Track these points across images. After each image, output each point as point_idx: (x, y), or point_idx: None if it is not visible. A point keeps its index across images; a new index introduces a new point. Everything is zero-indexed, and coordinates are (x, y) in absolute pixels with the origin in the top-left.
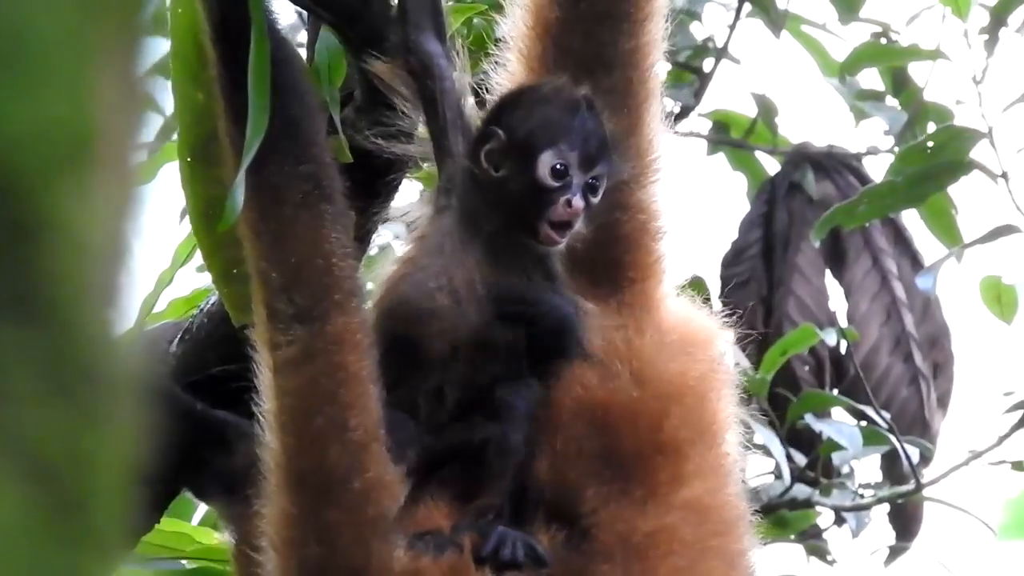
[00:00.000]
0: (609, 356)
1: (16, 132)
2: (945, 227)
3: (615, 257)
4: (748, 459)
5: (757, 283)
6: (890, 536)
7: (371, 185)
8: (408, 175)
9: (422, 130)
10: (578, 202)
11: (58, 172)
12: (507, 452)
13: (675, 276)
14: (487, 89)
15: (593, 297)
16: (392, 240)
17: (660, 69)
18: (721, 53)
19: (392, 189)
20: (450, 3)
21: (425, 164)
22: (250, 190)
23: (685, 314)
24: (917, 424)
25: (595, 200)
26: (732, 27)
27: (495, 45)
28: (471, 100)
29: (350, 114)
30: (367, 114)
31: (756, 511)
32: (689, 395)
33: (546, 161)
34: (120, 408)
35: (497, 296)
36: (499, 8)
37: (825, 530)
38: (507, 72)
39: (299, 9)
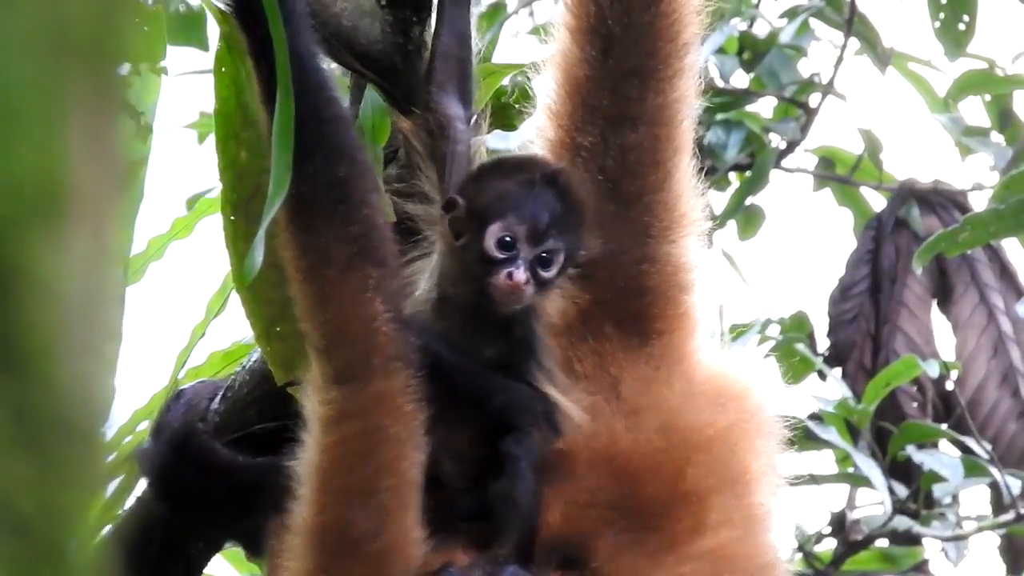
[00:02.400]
0: (635, 407)
1: None
2: None
3: (642, 309)
4: (852, 491)
5: (865, 319)
6: (1000, 569)
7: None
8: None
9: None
10: (519, 275)
11: (30, 223)
12: (514, 504)
13: (706, 327)
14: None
15: (622, 348)
16: None
17: (691, 125)
18: (827, 89)
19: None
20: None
21: (426, 226)
22: (297, 250)
23: (720, 366)
24: None
25: (547, 274)
26: (838, 63)
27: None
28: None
29: (393, 172)
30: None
31: (858, 542)
32: (716, 445)
33: (493, 232)
34: (93, 460)
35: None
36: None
37: (928, 562)
38: (538, 130)
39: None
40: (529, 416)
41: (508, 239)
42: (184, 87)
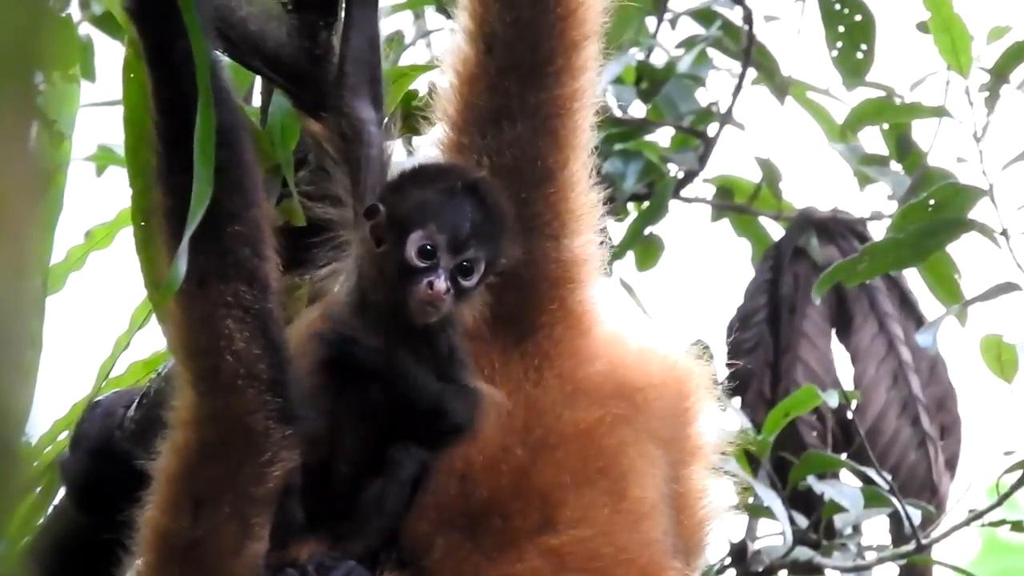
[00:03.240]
0: (499, 407)
1: None
2: (948, 288)
3: (520, 304)
4: (752, 522)
5: (764, 349)
6: None
7: (302, 248)
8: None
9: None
10: (440, 284)
11: None
12: (381, 508)
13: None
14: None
15: (498, 346)
16: None
17: (583, 123)
18: (725, 118)
19: (320, 251)
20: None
21: (344, 230)
22: (167, 261)
23: (630, 359)
24: (926, 487)
25: (468, 283)
26: (736, 93)
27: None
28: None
29: (307, 176)
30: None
31: (759, 573)
32: (576, 442)
33: (414, 241)
34: (12, 469)
35: (380, 384)
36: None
37: None
38: (440, 131)
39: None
40: (465, 415)
41: (429, 248)
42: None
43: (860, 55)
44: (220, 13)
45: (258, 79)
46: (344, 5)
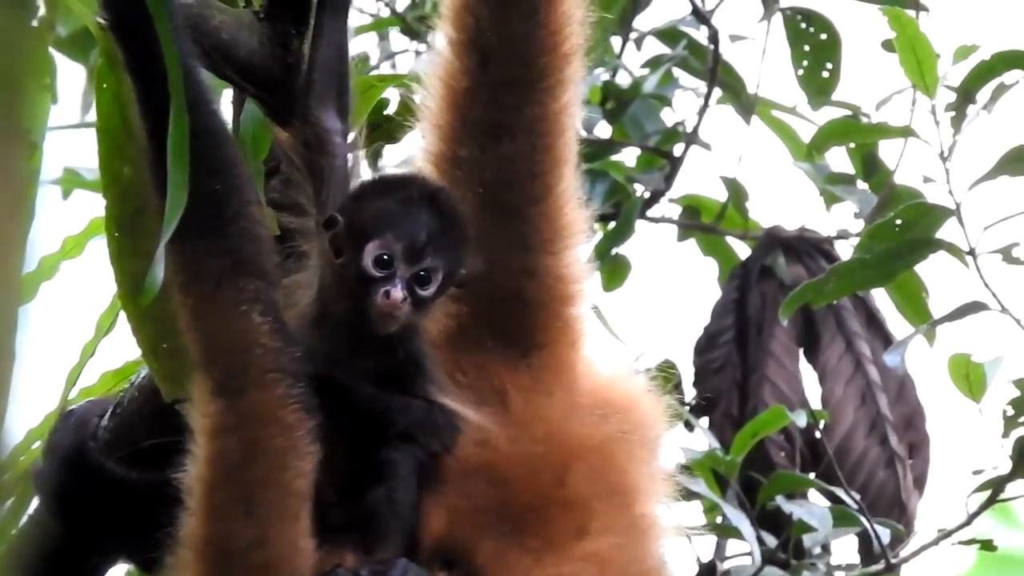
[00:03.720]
0: (518, 418)
1: None
2: (916, 308)
3: (522, 321)
4: (721, 542)
5: (731, 369)
6: None
7: None
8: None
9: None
10: (397, 293)
11: None
12: (395, 507)
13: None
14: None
15: (503, 360)
16: None
17: (572, 137)
18: (691, 138)
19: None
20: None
21: (305, 240)
22: (174, 264)
23: (605, 379)
24: (895, 506)
25: (425, 292)
26: (702, 112)
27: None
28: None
29: (277, 185)
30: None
31: None
32: (595, 455)
33: (371, 250)
34: None
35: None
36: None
37: None
38: (424, 143)
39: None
40: (431, 431)
41: (385, 257)
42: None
43: (826, 74)
44: (193, 22)
45: (228, 89)
46: (314, 14)
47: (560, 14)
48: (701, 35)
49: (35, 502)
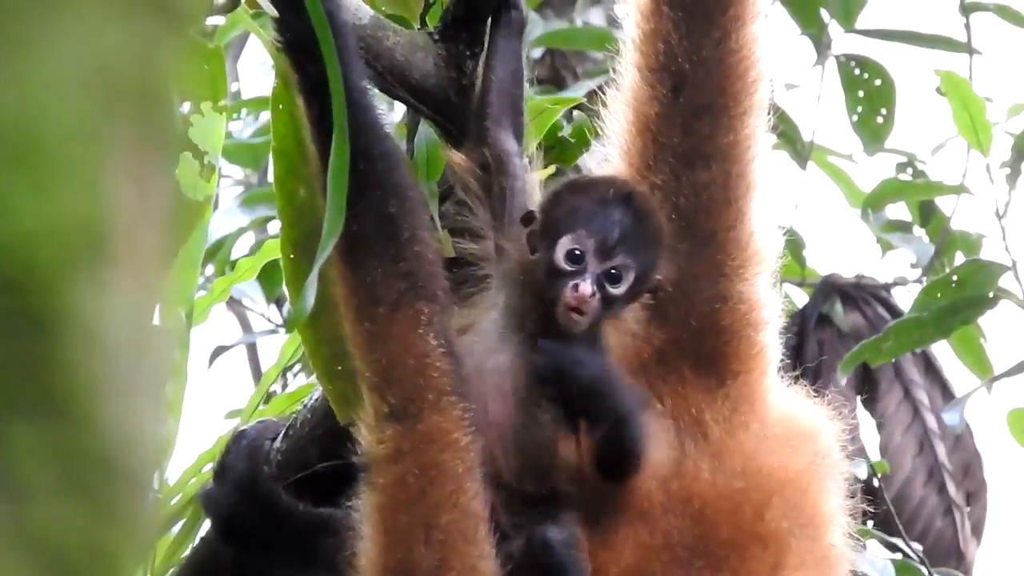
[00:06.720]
0: (717, 449)
1: (29, 228)
2: (975, 357)
3: (718, 348)
4: None
5: None
6: None
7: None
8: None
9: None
10: (586, 288)
11: (72, 266)
12: (611, 400)
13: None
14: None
15: (701, 389)
16: None
17: (762, 163)
18: None
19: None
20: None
21: (483, 263)
22: (348, 288)
23: (791, 407)
24: (953, 554)
25: (615, 291)
26: None
27: (598, 140)
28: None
29: (451, 209)
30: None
31: None
32: (791, 487)
33: (563, 244)
34: (142, 503)
35: (538, 362)
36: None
37: None
38: (610, 167)
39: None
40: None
41: (577, 252)
42: None
43: (880, 120)
44: (366, 43)
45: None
46: (488, 36)
47: (749, 39)
48: None
49: (207, 525)
